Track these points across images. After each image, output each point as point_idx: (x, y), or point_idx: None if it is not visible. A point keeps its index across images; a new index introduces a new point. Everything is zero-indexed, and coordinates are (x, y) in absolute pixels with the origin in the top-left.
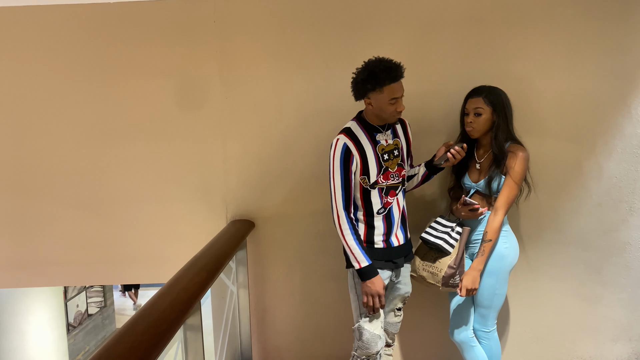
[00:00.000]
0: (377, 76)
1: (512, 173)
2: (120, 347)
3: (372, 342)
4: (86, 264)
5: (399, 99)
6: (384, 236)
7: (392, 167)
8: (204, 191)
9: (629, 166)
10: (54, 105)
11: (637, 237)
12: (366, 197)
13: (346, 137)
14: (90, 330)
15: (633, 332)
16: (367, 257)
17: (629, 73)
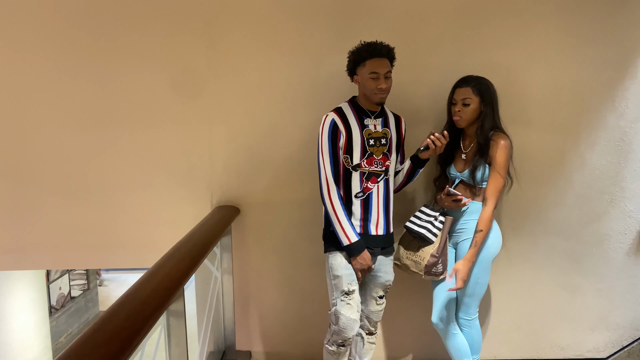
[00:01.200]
0: (361, 51)
1: (495, 164)
2: (103, 333)
3: (349, 326)
4: (71, 249)
5: (380, 75)
6: (361, 222)
7: (377, 154)
8: (189, 177)
9: (611, 158)
10: (41, 91)
11: (617, 228)
12: (347, 179)
13: (335, 114)
14: (73, 313)
15: (610, 322)
16: (356, 233)
17: (614, 66)
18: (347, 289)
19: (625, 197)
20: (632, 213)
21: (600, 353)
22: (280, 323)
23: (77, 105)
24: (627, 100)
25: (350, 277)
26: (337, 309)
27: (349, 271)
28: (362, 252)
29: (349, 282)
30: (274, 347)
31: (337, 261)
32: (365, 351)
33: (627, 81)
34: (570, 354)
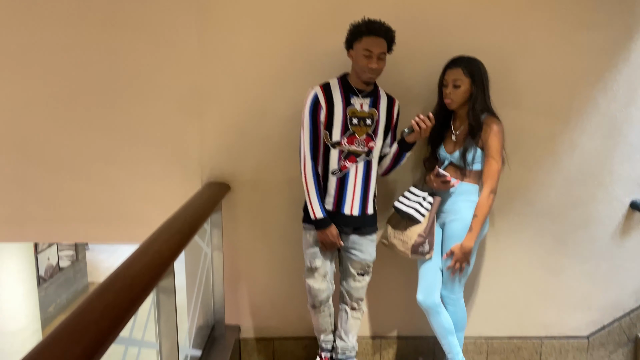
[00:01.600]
0: (360, 26)
1: (489, 149)
2: (93, 310)
3: (313, 293)
4: (59, 222)
5: (373, 54)
6: (335, 199)
7: (359, 134)
8: (179, 153)
9: (601, 142)
10: (26, 62)
11: (604, 211)
12: (326, 154)
13: (319, 88)
14: (61, 283)
15: (592, 302)
16: (322, 210)
17: (607, 50)
18: (309, 265)
19: (613, 181)
20: (619, 197)
21: (583, 331)
22: (269, 298)
23: (66, 78)
24: (619, 84)
25: (314, 255)
26: (305, 279)
27: (313, 250)
28: (327, 228)
29: (311, 260)
30: (263, 321)
31: (306, 239)
32: (350, 326)
33: (620, 65)
34: (553, 332)
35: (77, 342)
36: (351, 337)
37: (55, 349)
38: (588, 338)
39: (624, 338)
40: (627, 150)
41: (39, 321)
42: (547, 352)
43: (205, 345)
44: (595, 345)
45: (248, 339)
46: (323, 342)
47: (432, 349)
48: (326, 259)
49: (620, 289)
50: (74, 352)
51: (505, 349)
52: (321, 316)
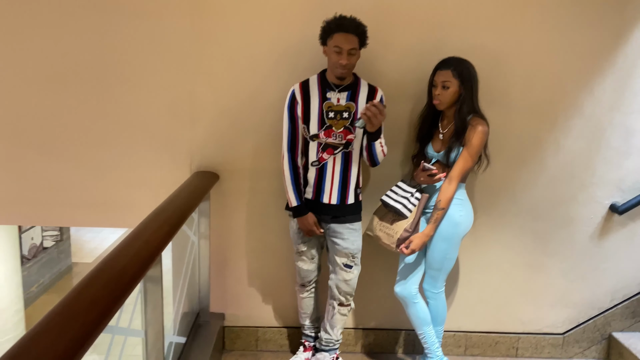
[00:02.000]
0: (330, 23)
1: (469, 146)
2: (82, 300)
3: (303, 274)
4: (46, 206)
5: (343, 50)
6: (314, 188)
7: (336, 127)
8: (169, 139)
9: (585, 144)
10: (13, 43)
11: (584, 212)
12: (306, 147)
13: (298, 85)
14: (45, 263)
15: (569, 300)
16: (297, 198)
17: (594, 54)
18: (296, 249)
19: (594, 182)
20: (600, 198)
21: (558, 328)
22: (254, 287)
23: (55, 59)
24: (605, 88)
25: (298, 241)
26: (295, 261)
27: (297, 235)
28: (303, 215)
29: (297, 244)
30: (247, 310)
31: (291, 225)
32: (335, 320)
33: (606, 70)
34: (530, 328)
35: (66, 331)
36: (336, 330)
37: (44, 338)
38: (563, 335)
39: (597, 336)
40: (609, 154)
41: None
42: (524, 348)
43: (190, 332)
44: (570, 342)
45: (232, 326)
46: (307, 329)
47: (412, 341)
48: (312, 243)
49: (596, 289)
50: (63, 341)
51: (483, 343)
52: (305, 298)
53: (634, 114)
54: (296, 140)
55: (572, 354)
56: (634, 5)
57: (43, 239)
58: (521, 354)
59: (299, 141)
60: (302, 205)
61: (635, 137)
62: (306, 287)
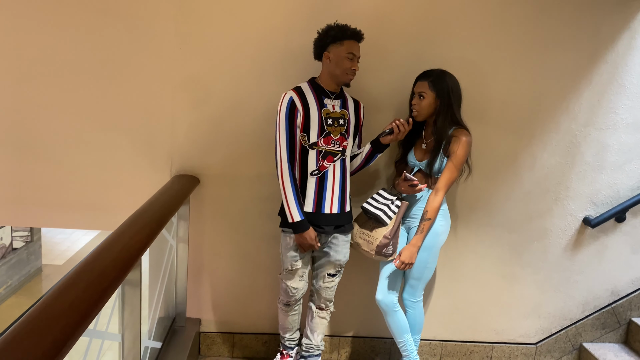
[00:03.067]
0: (342, 30)
1: (454, 157)
2: (60, 304)
3: (291, 292)
4: (19, 205)
5: (355, 57)
6: (315, 199)
7: (334, 134)
8: (149, 142)
9: (560, 159)
10: None
11: (558, 224)
12: (304, 157)
13: (294, 92)
14: (14, 264)
15: (542, 310)
16: (300, 213)
17: (571, 71)
18: (289, 267)
19: (568, 196)
20: (574, 212)
21: (531, 338)
22: (231, 293)
23: (33, 56)
24: (581, 105)
25: (294, 259)
26: (282, 279)
27: (294, 253)
28: (305, 231)
29: (291, 262)
30: (224, 315)
31: (286, 242)
32: (315, 325)
33: (582, 87)
34: (503, 338)
35: (46, 334)
36: (316, 335)
37: (23, 341)
38: (536, 345)
39: (569, 346)
40: (583, 169)
41: None
42: (497, 357)
43: (166, 337)
44: (543, 352)
45: (208, 332)
46: (287, 341)
47: (389, 350)
48: (306, 260)
49: (568, 300)
50: (43, 344)
51: (458, 351)
52: (290, 315)
53: (608, 130)
54: (295, 151)
55: None
56: (608, 27)
57: (13, 240)
58: None
59: (297, 151)
60: (305, 219)
61: (609, 152)
62: (292, 307)
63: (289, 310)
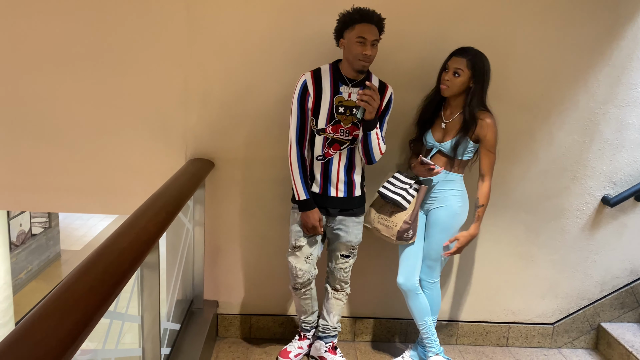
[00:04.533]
0: (351, 15)
1: (486, 142)
2: (81, 286)
3: (297, 274)
4: (36, 191)
5: (367, 41)
6: (321, 182)
7: (344, 123)
8: (163, 127)
9: (577, 137)
10: (8, 30)
11: (576, 204)
12: (311, 140)
13: (310, 74)
14: (33, 250)
15: (559, 290)
16: (306, 192)
17: (589, 48)
18: (294, 243)
19: (586, 175)
20: (592, 191)
21: (548, 319)
22: (248, 275)
23: (49, 45)
24: (599, 82)
25: (298, 233)
26: (288, 258)
27: (298, 228)
28: (310, 210)
29: (296, 238)
30: (240, 297)
31: (293, 217)
32: (331, 306)
33: (600, 63)
34: (520, 318)
35: (68, 315)
36: (332, 316)
37: (46, 322)
38: (553, 325)
39: (587, 326)
40: (602, 147)
41: (10, 287)
42: (514, 337)
43: (184, 319)
44: (560, 332)
45: (225, 314)
46: (303, 323)
47: (405, 330)
48: (311, 241)
49: (586, 280)
50: (66, 325)
51: (474, 332)
52: (302, 299)
53: (628, 107)
54: (305, 132)
55: (561, 343)
56: (627, 1)
57: (32, 226)
58: (511, 343)
59: (307, 133)
60: (310, 199)
61: (629, 130)
62: (299, 291)
63: (298, 294)
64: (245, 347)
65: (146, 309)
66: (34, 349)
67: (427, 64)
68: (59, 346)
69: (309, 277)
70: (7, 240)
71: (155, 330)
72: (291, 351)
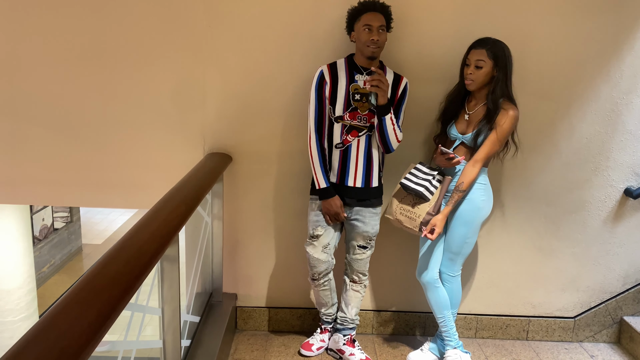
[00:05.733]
0: (356, 8)
1: (499, 129)
2: (103, 278)
3: (314, 263)
4: (58, 185)
5: (373, 28)
6: (339, 172)
7: (361, 110)
8: (181, 121)
9: (599, 128)
10: (33, 28)
11: (597, 196)
12: (330, 129)
13: (326, 66)
14: (56, 244)
15: (581, 284)
16: (326, 180)
17: (611, 37)
18: (312, 232)
19: (609, 166)
20: (614, 182)
21: (569, 312)
22: (266, 269)
23: (69, 41)
24: (622, 71)
25: (316, 223)
26: (306, 248)
27: (316, 218)
28: (330, 198)
29: (314, 227)
30: (259, 290)
31: (311, 207)
32: (349, 298)
33: (624, 52)
34: (540, 312)
35: (91, 306)
36: (350, 309)
37: (70, 314)
38: (574, 319)
39: (609, 320)
40: (625, 138)
41: (34, 280)
42: (534, 331)
43: (203, 311)
44: (581, 326)
45: (244, 307)
46: (324, 316)
47: (423, 323)
48: (329, 231)
49: (608, 273)
50: (88, 315)
51: (493, 325)
52: (321, 290)
53: None
54: (323, 122)
55: (582, 337)
56: None
57: (54, 220)
58: (531, 337)
59: (325, 122)
60: (330, 187)
61: None
62: (317, 281)
63: (316, 285)
64: (264, 340)
65: (166, 302)
66: (58, 340)
67: (448, 55)
68: (82, 337)
69: (326, 266)
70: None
71: (175, 322)
72: (313, 344)
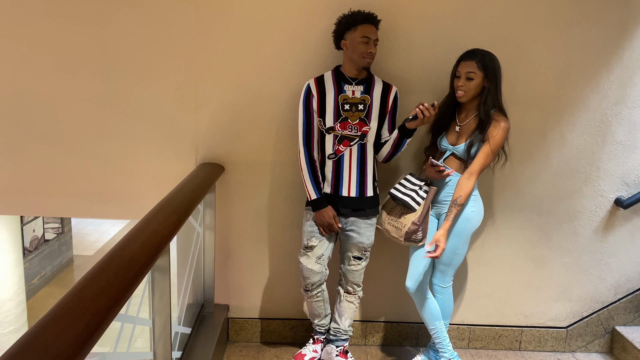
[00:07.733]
0: (354, 16)
1: (492, 141)
2: (92, 289)
3: (307, 274)
4: (48, 196)
5: (371, 40)
6: (332, 182)
7: (352, 119)
8: (173, 131)
9: (590, 138)
10: (21, 35)
11: (588, 206)
12: (322, 141)
13: (313, 80)
14: (46, 255)
15: (572, 293)
16: (316, 192)
17: (601, 48)
18: (306, 243)
19: (599, 176)
20: (604, 192)
21: (561, 322)
22: (258, 279)
23: (60, 49)
24: (611, 82)
25: (311, 234)
26: (299, 258)
27: (311, 228)
28: (323, 208)
29: (308, 238)
30: (251, 301)
31: (306, 217)
32: (343, 309)
33: (612, 64)
34: (533, 322)
35: (79, 318)
36: (344, 320)
37: (58, 324)
38: (567, 329)
39: (601, 330)
40: (615, 148)
41: (24, 292)
42: (527, 341)
43: (195, 323)
44: (574, 336)
45: (236, 318)
46: (317, 326)
47: (416, 334)
48: (323, 242)
49: (599, 283)
50: (76, 327)
51: (486, 336)
52: (314, 301)
53: None
54: (311, 134)
55: (575, 347)
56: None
57: (44, 231)
58: (524, 347)
59: (314, 135)
60: (321, 198)
61: None
62: (310, 292)
63: (309, 297)
64: (256, 351)
65: (157, 313)
66: (45, 352)
67: (438, 65)
68: (70, 349)
69: (319, 277)
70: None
71: (166, 333)
72: (306, 354)
